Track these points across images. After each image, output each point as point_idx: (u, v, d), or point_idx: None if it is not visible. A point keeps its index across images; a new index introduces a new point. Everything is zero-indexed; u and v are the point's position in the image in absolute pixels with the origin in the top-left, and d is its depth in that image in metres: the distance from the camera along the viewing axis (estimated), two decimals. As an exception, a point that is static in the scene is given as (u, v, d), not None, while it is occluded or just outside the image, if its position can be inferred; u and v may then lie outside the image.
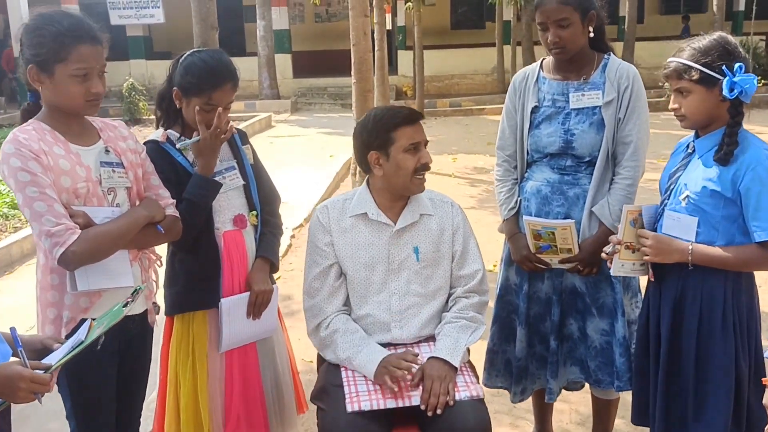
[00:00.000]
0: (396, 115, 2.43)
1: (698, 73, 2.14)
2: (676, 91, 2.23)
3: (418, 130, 2.44)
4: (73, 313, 2.10)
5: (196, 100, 2.38)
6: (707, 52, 2.14)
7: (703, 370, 2.25)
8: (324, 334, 2.47)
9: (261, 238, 2.62)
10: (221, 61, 2.43)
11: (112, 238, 2.07)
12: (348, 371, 2.40)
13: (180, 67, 2.41)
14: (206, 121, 2.37)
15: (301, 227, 7.08)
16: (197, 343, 2.54)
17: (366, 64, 5.92)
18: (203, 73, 2.37)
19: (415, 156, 2.42)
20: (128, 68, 18.16)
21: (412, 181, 2.44)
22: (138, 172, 2.25)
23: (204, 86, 2.36)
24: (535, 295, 2.81)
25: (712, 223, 2.18)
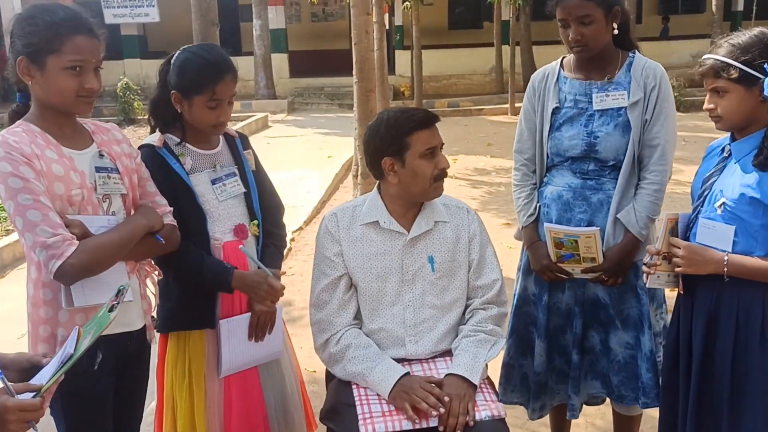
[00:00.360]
0: (411, 119, 2.28)
1: (738, 72, 2.00)
2: (711, 91, 2.09)
3: (434, 133, 2.30)
4: (68, 331, 1.93)
5: (200, 99, 2.24)
6: (748, 48, 2.01)
7: (739, 388, 2.11)
8: (334, 350, 2.32)
9: (264, 251, 2.47)
10: (217, 53, 2.30)
11: (112, 250, 1.93)
12: (360, 389, 2.26)
13: (174, 68, 2.27)
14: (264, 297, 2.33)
15: (300, 230, 6.94)
16: (194, 363, 2.38)
17: (368, 64, 5.78)
18: (202, 68, 2.23)
19: (432, 161, 2.28)
20: (123, 68, 18.02)
21: (431, 187, 2.30)
22: (133, 178, 2.11)
23: (205, 82, 2.22)
24: (555, 306, 2.67)
25: (751, 232, 2.05)
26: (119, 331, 2.04)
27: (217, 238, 2.35)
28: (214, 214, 2.35)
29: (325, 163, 10.29)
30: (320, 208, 7.88)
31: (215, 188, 2.36)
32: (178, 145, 2.34)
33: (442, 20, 21.30)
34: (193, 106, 2.26)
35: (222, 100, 2.26)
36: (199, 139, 2.37)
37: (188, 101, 2.26)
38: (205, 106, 2.24)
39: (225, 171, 2.40)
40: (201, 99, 2.24)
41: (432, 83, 18.52)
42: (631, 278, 2.56)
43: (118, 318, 1.99)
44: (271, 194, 2.55)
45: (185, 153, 2.34)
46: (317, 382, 3.91)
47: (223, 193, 2.36)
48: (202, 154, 2.37)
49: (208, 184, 2.35)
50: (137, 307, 2.14)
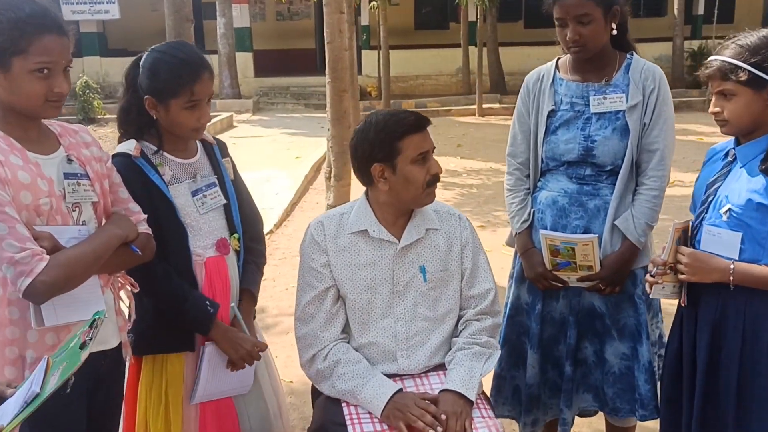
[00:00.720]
0: (401, 123, 2.15)
1: (746, 74, 1.93)
2: (718, 94, 2.02)
3: (425, 137, 2.17)
4: (39, 352, 1.78)
5: (177, 101, 2.08)
6: (757, 50, 1.94)
7: (746, 402, 2.04)
8: (322, 366, 2.19)
9: (245, 269, 2.32)
10: (190, 50, 2.15)
11: (86, 264, 1.76)
12: (351, 407, 2.13)
13: (144, 71, 2.11)
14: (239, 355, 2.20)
15: (270, 233, 6.77)
16: (171, 387, 2.21)
17: (341, 63, 5.62)
18: (176, 68, 2.07)
19: (424, 167, 2.16)
20: (82, 66, 17.55)
21: (423, 193, 2.18)
22: (104, 184, 1.94)
23: (182, 82, 2.07)
24: (549, 316, 2.58)
25: (758, 239, 1.97)
26: (93, 350, 1.87)
27: (199, 254, 2.20)
28: (195, 227, 2.20)
29: (293, 163, 10.13)
30: (290, 210, 7.72)
31: (195, 200, 2.20)
32: (156, 155, 2.17)
33: (409, 21, 21.23)
34: (171, 110, 2.10)
35: (201, 100, 2.11)
36: (177, 146, 2.20)
37: (164, 105, 2.09)
38: (184, 108, 2.09)
39: (205, 181, 2.24)
40: (178, 101, 2.08)
41: (399, 84, 18.45)
42: (628, 287, 2.48)
43: None
44: (250, 205, 2.40)
45: (164, 163, 2.17)
46: (294, 393, 3.77)
47: (204, 205, 2.21)
48: (181, 164, 2.21)
49: (189, 196, 2.19)
50: (112, 324, 1.98)
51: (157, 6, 16.10)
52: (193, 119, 2.12)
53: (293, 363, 4.09)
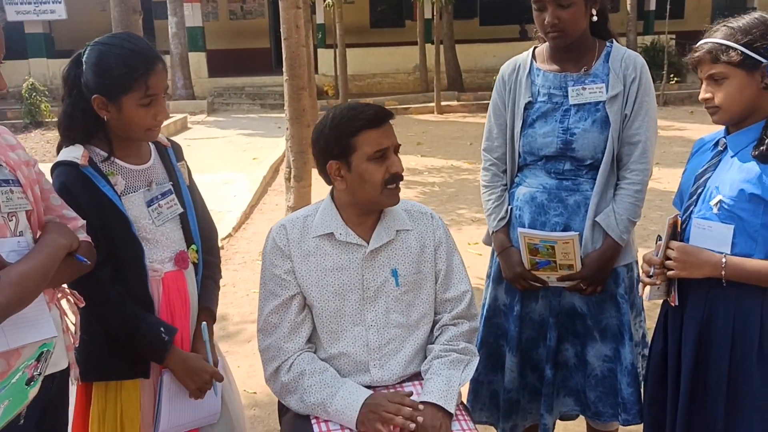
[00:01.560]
0: (357, 117, 1.98)
1: (739, 55, 1.84)
2: (708, 79, 1.92)
3: (385, 133, 2.00)
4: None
5: (131, 98, 1.88)
6: (748, 30, 1.85)
7: (735, 404, 1.94)
8: (286, 379, 2.03)
9: (204, 285, 2.14)
10: (139, 41, 1.95)
11: (37, 280, 1.57)
12: (321, 423, 1.98)
13: (89, 68, 1.89)
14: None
15: (229, 237, 6.56)
16: (126, 417, 2.01)
17: (299, 60, 5.45)
18: (127, 60, 1.87)
19: (382, 165, 1.99)
20: (27, 68, 17.06)
21: (382, 194, 2.02)
22: (36, 190, 1.73)
23: (136, 75, 1.86)
24: (528, 317, 2.46)
25: (750, 232, 1.88)
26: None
27: (156, 270, 2.01)
28: (151, 241, 2.00)
29: (251, 165, 9.90)
30: (249, 213, 7.50)
31: (151, 211, 2.00)
32: (106, 162, 1.96)
33: (364, 18, 21.14)
34: (124, 109, 1.89)
35: (157, 94, 1.91)
36: (128, 151, 2.00)
37: (116, 104, 1.89)
38: (138, 105, 1.89)
39: (160, 189, 2.04)
40: (132, 98, 1.88)
41: (356, 82, 18.33)
42: (610, 286, 2.37)
43: None
44: (205, 215, 2.21)
45: (116, 171, 1.96)
46: (259, 405, 3.60)
47: (160, 216, 2.01)
48: (134, 171, 2.01)
49: (143, 206, 1.99)
50: (60, 344, 1.78)
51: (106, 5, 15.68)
52: (149, 117, 1.92)
53: (256, 372, 3.92)
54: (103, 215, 1.89)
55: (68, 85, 1.95)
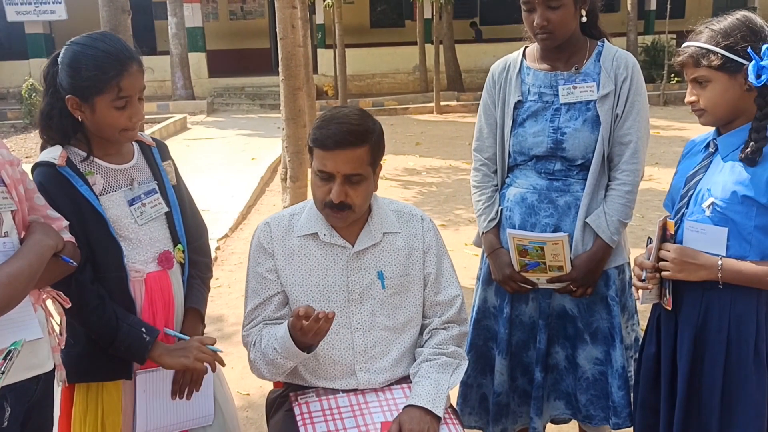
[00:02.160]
0: (317, 130, 1.96)
1: (719, 58, 1.83)
2: (693, 81, 1.91)
3: (332, 159, 1.92)
4: None
5: (103, 99, 1.86)
6: (729, 33, 1.83)
7: (731, 408, 1.92)
8: (253, 356, 2.06)
9: (190, 284, 2.11)
10: (114, 41, 1.91)
11: (25, 281, 1.57)
12: (307, 426, 1.96)
13: (64, 68, 1.87)
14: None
15: (226, 237, 6.54)
16: (108, 418, 1.99)
17: (295, 60, 5.42)
18: (99, 61, 1.84)
19: (325, 186, 1.96)
20: (28, 68, 17.03)
21: (324, 211, 2.02)
22: (20, 190, 1.72)
23: (107, 77, 1.84)
24: (518, 320, 2.43)
25: (743, 234, 1.85)
26: (28, 376, 1.68)
27: (138, 270, 1.98)
28: (134, 240, 1.98)
29: (249, 165, 9.88)
30: (246, 213, 7.48)
31: (133, 210, 1.98)
32: (85, 162, 1.94)
33: (364, 19, 21.11)
34: (97, 110, 1.87)
35: (131, 96, 1.88)
36: (108, 151, 1.98)
37: (89, 105, 1.87)
38: (111, 107, 1.86)
39: (144, 188, 2.02)
40: (105, 99, 1.86)
41: (355, 82, 18.31)
42: (601, 288, 2.35)
43: (26, 360, 1.65)
44: (194, 213, 2.18)
45: (94, 171, 1.94)
46: (252, 407, 3.58)
47: (142, 215, 1.99)
48: (115, 170, 1.99)
49: (125, 205, 1.97)
50: (46, 345, 1.77)
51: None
52: (124, 119, 1.89)
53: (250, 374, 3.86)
54: (81, 215, 1.87)
55: (47, 84, 1.93)
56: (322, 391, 2.07)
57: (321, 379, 2.07)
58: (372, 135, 1.96)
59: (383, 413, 1.98)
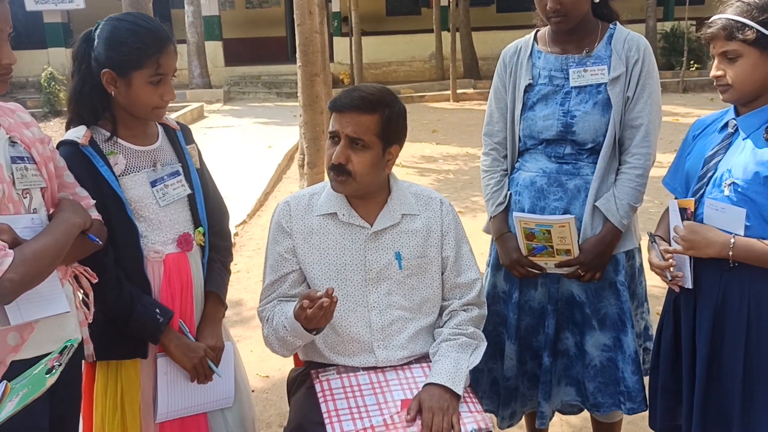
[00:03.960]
0: (337, 96, 2.05)
1: (754, 33, 1.80)
2: (720, 56, 1.89)
3: (339, 120, 2.01)
4: (3, 355, 1.63)
5: (141, 74, 1.90)
6: (765, 8, 1.81)
7: (752, 389, 1.91)
8: (266, 332, 2.11)
9: (210, 267, 2.15)
10: (152, 20, 1.97)
11: (51, 257, 1.62)
12: (328, 403, 1.99)
13: (102, 42, 1.91)
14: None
15: (244, 224, 6.60)
16: (127, 395, 2.04)
17: (312, 46, 5.44)
18: (141, 36, 1.88)
19: (331, 149, 2.04)
20: (46, 57, 17.18)
21: (329, 176, 2.07)
22: (50, 168, 1.77)
23: (148, 52, 1.88)
24: (527, 305, 2.45)
25: (764, 215, 1.84)
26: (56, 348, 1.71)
27: (158, 251, 2.02)
28: (154, 221, 2.02)
29: (266, 153, 9.93)
30: (264, 200, 7.54)
31: (155, 191, 2.01)
32: (108, 141, 1.98)
33: (380, 6, 21.02)
34: (133, 85, 1.91)
35: (166, 74, 1.93)
36: (134, 132, 2.02)
37: (126, 79, 1.91)
38: (147, 82, 1.91)
39: (167, 170, 2.05)
40: (142, 74, 1.90)
41: (371, 70, 18.26)
42: (609, 273, 2.34)
43: (55, 332, 1.71)
44: (216, 197, 2.22)
45: (117, 151, 1.98)
46: (270, 389, 3.64)
47: (165, 196, 2.02)
48: (138, 151, 2.03)
49: (147, 186, 2.01)
50: (74, 318, 1.83)
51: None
52: (157, 96, 1.94)
53: (269, 357, 3.95)
54: (101, 195, 1.91)
55: (77, 60, 1.97)
56: (343, 369, 2.11)
57: (340, 355, 2.11)
58: (384, 107, 2.02)
59: (403, 391, 2.02)
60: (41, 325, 1.68)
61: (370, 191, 2.09)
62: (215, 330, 2.12)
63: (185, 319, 2.08)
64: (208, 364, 2.05)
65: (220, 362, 2.11)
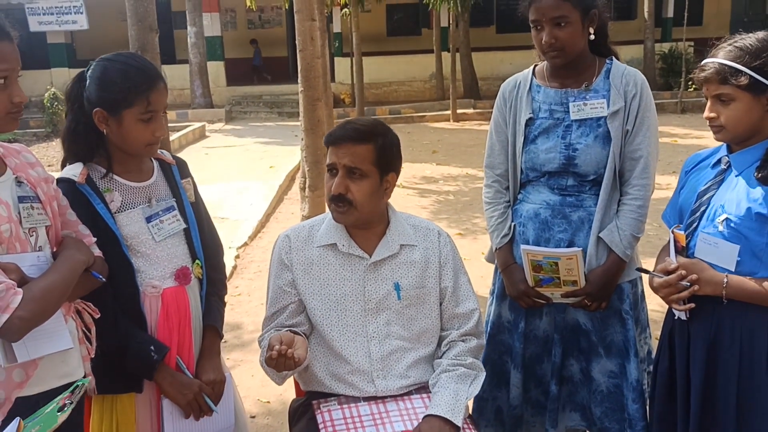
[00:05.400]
0: (331, 131, 2.12)
1: (747, 79, 1.84)
2: (714, 98, 1.92)
3: (335, 152, 2.08)
4: (8, 392, 1.65)
5: (131, 112, 1.93)
6: (758, 54, 1.84)
7: (746, 420, 1.94)
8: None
9: (207, 301, 2.17)
10: (142, 60, 2.03)
11: (58, 295, 1.66)
12: (327, 428, 2.02)
13: (93, 81, 1.95)
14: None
15: (245, 246, 6.62)
16: (122, 428, 2.05)
17: (314, 71, 5.52)
18: (130, 75, 1.93)
19: (330, 181, 2.09)
20: (50, 77, 17.30)
21: (330, 207, 2.12)
22: (54, 207, 1.81)
23: (138, 91, 1.92)
24: (532, 334, 2.47)
25: (755, 251, 1.88)
26: (60, 384, 1.75)
27: (155, 286, 2.04)
28: (151, 256, 2.04)
29: (267, 173, 9.98)
30: (265, 221, 7.56)
31: (151, 226, 2.04)
32: (104, 179, 2.01)
33: (381, 27, 21.20)
34: (124, 123, 1.94)
35: (157, 111, 1.97)
36: (128, 168, 2.05)
37: (116, 117, 1.94)
38: (138, 120, 1.94)
39: (162, 205, 2.08)
40: (132, 112, 1.93)
41: (372, 90, 18.38)
42: (614, 302, 2.38)
43: (58, 368, 1.74)
44: (211, 231, 2.25)
45: (113, 188, 2.01)
46: (271, 414, 3.64)
47: (160, 231, 2.05)
48: (134, 188, 2.05)
49: (143, 222, 2.03)
50: (77, 354, 1.85)
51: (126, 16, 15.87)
52: (149, 132, 1.97)
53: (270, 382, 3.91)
54: (98, 231, 1.94)
55: (70, 100, 2.01)
56: (344, 399, 2.13)
57: (341, 383, 2.12)
58: (377, 137, 2.08)
59: (403, 422, 2.03)
60: (45, 361, 1.70)
61: (370, 220, 2.13)
62: (215, 363, 2.14)
63: (183, 352, 2.09)
64: (204, 399, 2.07)
65: (222, 394, 2.13)
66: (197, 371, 2.11)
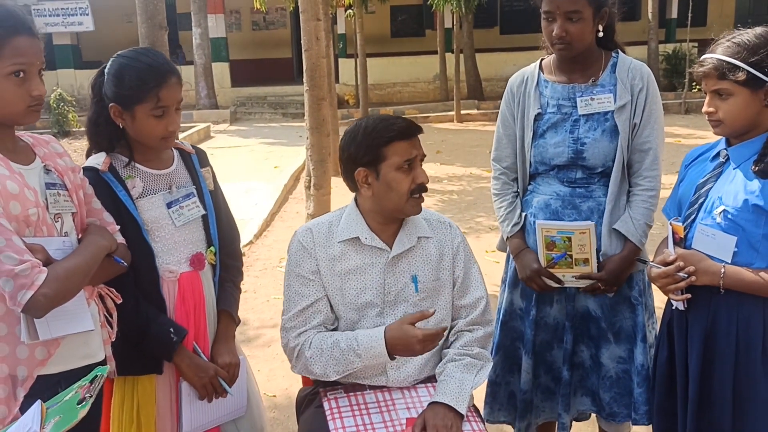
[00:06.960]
0: (390, 128, 2.08)
1: (745, 74, 1.88)
2: (712, 93, 1.96)
3: (414, 145, 2.10)
4: (30, 369, 1.72)
5: (143, 108, 1.99)
6: (755, 49, 1.88)
7: (742, 408, 1.98)
8: (309, 354, 2.09)
9: (222, 286, 2.22)
10: (156, 55, 2.07)
11: (81, 276, 1.72)
12: (336, 421, 2.06)
13: (109, 78, 2.02)
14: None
15: (251, 244, 6.67)
16: (143, 409, 2.12)
17: (319, 71, 5.56)
18: (141, 72, 1.99)
19: (409, 175, 2.09)
20: (56, 78, 17.39)
21: (407, 202, 2.11)
22: (80, 195, 1.89)
23: (148, 87, 1.98)
24: (542, 321, 2.53)
25: (752, 242, 1.92)
26: (81, 365, 1.82)
27: (172, 270, 2.10)
28: (170, 241, 2.10)
29: (272, 173, 10.04)
30: (270, 220, 7.62)
31: (171, 212, 2.11)
32: (127, 167, 2.08)
33: (385, 28, 21.26)
34: (137, 118, 2.01)
35: (168, 106, 2.02)
36: (149, 156, 2.12)
37: (130, 113, 2.01)
38: (150, 115, 2.00)
39: (182, 192, 2.14)
40: (144, 108, 1.99)
41: (376, 91, 18.43)
42: (624, 289, 2.44)
43: (79, 349, 1.81)
44: (228, 219, 2.30)
45: (134, 175, 2.08)
46: (278, 408, 3.69)
47: (180, 217, 2.11)
48: (154, 175, 2.12)
49: (163, 207, 2.10)
50: (98, 337, 1.91)
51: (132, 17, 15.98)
52: (161, 127, 2.03)
53: (276, 376, 4.02)
54: (120, 217, 2.00)
55: (94, 93, 2.09)
56: (351, 387, 2.17)
57: (352, 375, 2.16)
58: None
59: (408, 410, 2.08)
60: (67, 341, 1.76)
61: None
62: (230, 347, 2.19)
63: (199, 336, 2.15)
64: (220, 382, 2.13)
65: (237, 377, 2.19)
66: (212, 354, 2.16)
